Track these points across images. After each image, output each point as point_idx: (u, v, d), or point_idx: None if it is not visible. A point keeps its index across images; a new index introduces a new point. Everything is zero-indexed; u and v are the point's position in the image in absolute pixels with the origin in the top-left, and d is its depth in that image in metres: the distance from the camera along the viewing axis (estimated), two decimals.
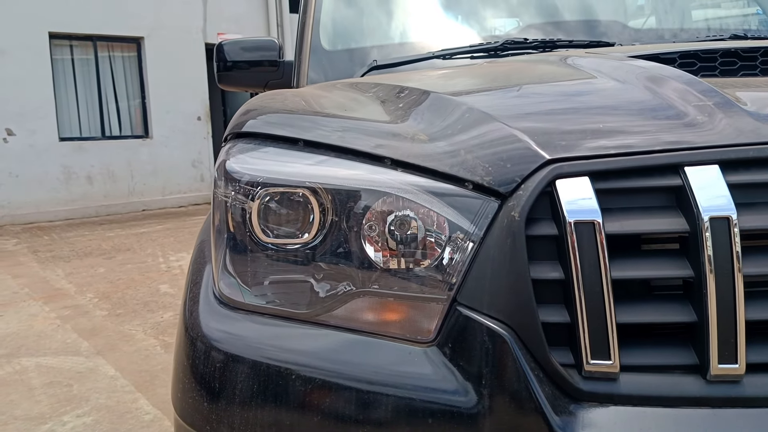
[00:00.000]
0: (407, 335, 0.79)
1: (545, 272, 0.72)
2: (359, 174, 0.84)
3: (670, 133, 0.76)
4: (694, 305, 0.71)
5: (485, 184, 0.76)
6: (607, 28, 1.84)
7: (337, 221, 0.84)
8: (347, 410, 0.77)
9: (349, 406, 0.77)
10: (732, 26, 1.99)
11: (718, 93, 0.82)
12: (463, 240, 0.77)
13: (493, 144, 0.80)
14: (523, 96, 1.00)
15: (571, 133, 0.79)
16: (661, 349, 0.73)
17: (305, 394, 0.80)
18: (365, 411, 0.76)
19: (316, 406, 0.79)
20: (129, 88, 9.72)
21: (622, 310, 0.71)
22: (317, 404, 0.79)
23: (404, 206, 0.80)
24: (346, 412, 0.77)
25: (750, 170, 0.72)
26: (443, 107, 0.94)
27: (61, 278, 5.18)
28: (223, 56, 2.19)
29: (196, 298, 0.96)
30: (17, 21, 8.34)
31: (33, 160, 8.58)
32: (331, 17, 2.01)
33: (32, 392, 2.84)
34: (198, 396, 0.86)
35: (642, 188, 0.73)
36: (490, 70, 1.29)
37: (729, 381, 0.70)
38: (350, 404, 0.77)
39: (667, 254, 0.73)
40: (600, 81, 0.96)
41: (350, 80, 1.53)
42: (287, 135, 0.93)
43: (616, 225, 0.71)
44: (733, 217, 0.68)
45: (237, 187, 0.91)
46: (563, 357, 0.73)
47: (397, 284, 0.81)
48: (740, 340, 0.69)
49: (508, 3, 2.02)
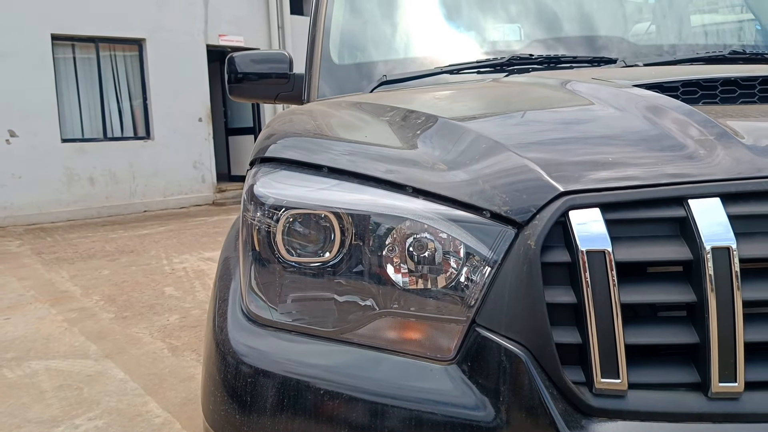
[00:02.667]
0: (428, 353, 0.85)
1: (559, 296, 0.78)
2: (380, 200, 0.89)
3: (673, 165, 0.81)
4: (696, 327, 0.77)
5: (503, 213, 0.81)
6: (609, 43, 1.90)
7: (358, 244, 0.89)
8: (372, 423, 0.83)
9: (373, 419, 0.83)
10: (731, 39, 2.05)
11: (716, 125, 0.87)
12: (482, 265, 0.82)
13: (507, 174, 0.85)
14: (528, 123, 1.06)
15: (581, 164, 0.84)
16: (666, 368, 0.78)
17: (332, 407, 0.85)
18: (389, 424, 0.82)
19: (342, 419, 0.85)
20: (131, 89, 9.76)
21: (630, 332, 0.77)
22: (343, 417, 0.85)
23: (425, 232, 0.86)
24: (371, 425, 0.83)
25: (749, 202, 0.77)
26: (456, 134, 0.99)
27: (66, 280, 5.23)
28: (234, 68, 2.22)
29: (225, 314, 1.02)
30: (20, 23, 8.37)
31: (35, 162, 8.62)
32: (341, 31, 2.06)
33: (43, 395, 2.89)
34: (230, 409, 0.92)
35: (648, 219, 0.78)
36: (495, 93, 1.34)
37: (729, 398, 0.76)
38: (375, 418, 0.83)
39: (672, 280, 0.78)
40: (601, 109, 1.01)
41: (361, 97, 1.59)
42: (311, 162, 0.98)
43: (625, 253, 0.77)
44: (733, 246, 0.74)
45: (263, 209, 0.96)
46: (575, 375, 0.78)
47: (418, 305, 0.86)
48: (739, 360, 0.75)
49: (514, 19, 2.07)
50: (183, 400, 2.79)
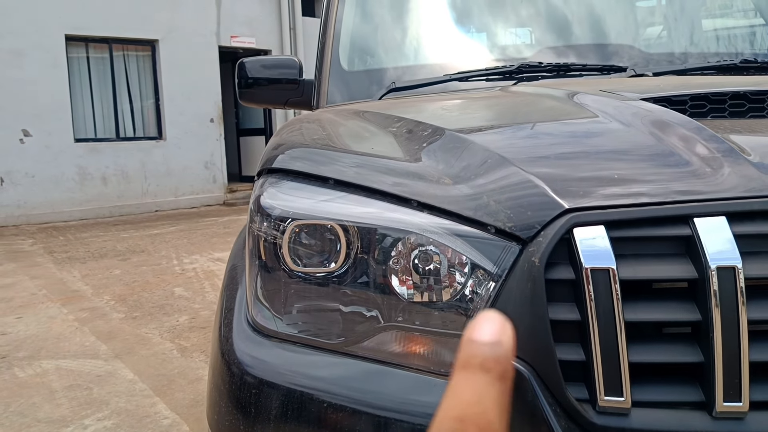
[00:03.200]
0: (432, 368, 0.85)
1: (562, 314, 0.78)
2: (386, 214, 0.90)
3: (679, 182, 0.81)
4: (701, 346, 0.76)
5: (507, 229, 0.81)
6: (619, 51, 1.89)
7: (363, 257, 0.90)
8: None
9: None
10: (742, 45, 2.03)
11: (723, 142, 0.87)
12: (486, 280, 0.82)
13: (512, 190, 0.85)
14: (535, 137, 1.05)
15: (586, 180, 0.84)
16: (670, 387, 0.78)
17: (335, 420, 0.86)
18: None
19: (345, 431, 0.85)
20: (143, 90, 9.83)
21: (634, 350, 0.76)
22: (346, 430, 0.85)
23: (430, 245, 0.86)
24: None
25: (755, 221, 0.77)
26: (462, 148, 0.99)
27: (78, 280, 5.27)
28: (244, 73, 2.24)
29: (230, 324, 1.02)
30: (34, 23, 8.46)
31: (49, 161, 8.71)
32: (351, 38, 2.07)
33: (53, 395, 2.91)
34: (234, 419, 0.92)
35: (653, 237, 0.78)
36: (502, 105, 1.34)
37: (733, 418, 0.75)
38: (379, 431, 0.83)
39: (677, 299, 0.78)
40: (608, 123, 1.01)
41: (370, 105, 1.59)
42: (318, 174, 0.99)
43: (629, 271, 0.76)
44: (739, 266, 0.73)
45: (269, 220, 0.97)
46: (579, 392, 0.78)
47: (422, 319, 0.86)
48: (744, 379, 0.74)
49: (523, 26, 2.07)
50: (191, 402, 2.81)
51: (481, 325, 0.27)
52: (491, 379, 0.25)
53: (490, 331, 0.26)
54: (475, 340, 0.26)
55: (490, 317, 0.27)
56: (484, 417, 0.24)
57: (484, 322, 0.27)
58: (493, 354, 0.26)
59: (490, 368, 0.25)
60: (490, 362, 0.26)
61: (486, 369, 0.25)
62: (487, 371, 0.25)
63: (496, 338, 0.26)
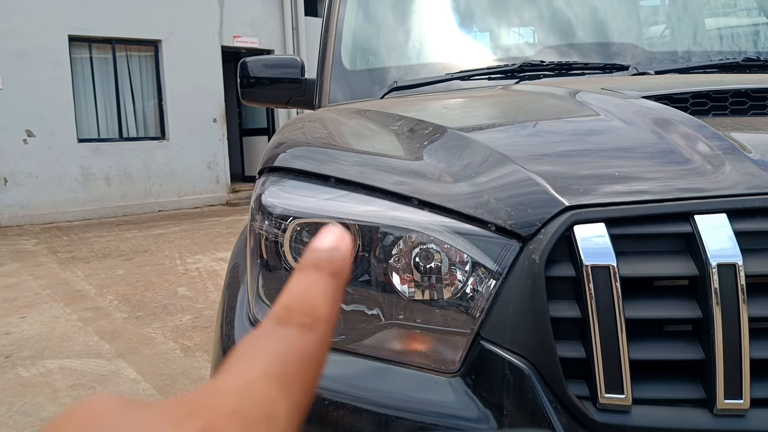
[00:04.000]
0: (433, 365, 0.85)
1: (563, 311, 0.78)
2: (387, 212, 0.90)
3: (679, 180, 0.81)
4: (702, 343, 0.76)
5: (507, 227, 0.81)
6: (621, 50, 1.89)
7: (365, 255, 0.90)
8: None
9: (377, 430, 0.83)
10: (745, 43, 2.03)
11: (724, 139, 0.87)
12: (486, 278, 0.83)
13: (513, 187, 0.85)
14: (536, 135, 1.05)
15: (586, 178, 0.84)
16: (671, 384, 0.78)
17: (336, 418, 0.86)
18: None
19: (346, 429, 0.85)
20: (146, 90, 9.85)
21: (635, 347, 0.76)
22: (347, 428, 0.85)
23: (431, 243, 0.86)
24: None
25: (756, 219, 0.77)
26: (463, 146, 1.00)
27: (81, 279, 5.29)
28: (247, 73, 2.24)
29: (232, 322, 1.03)
30: (37, 24, 8.48)
31: (52, 161, 8.73)
32: (353, 37, 2.07)
33: (57, 394, 2.92)
34: None
35: (654, 234, 0.78)
36: (503, 104, 1.34)
37: (734, 415, 0.75)
38: (379, 429, 0.83)
39: (677, 296, 0.78)
40: (609, 121, 1.01)
41: (371, 104, 1.59)
42: (319, 172, 0.99)
43: (630, 268, 0.76)
44: (739, 263, 0.73)
45: (270, 219, 0.97)
46: (579, 390, 0.78)
47: (423, 317, 0.87)
48: (745, 377, 0.74)
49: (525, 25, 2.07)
50: None
51: (322, 236, 0.29)
52: (322, 275, 0.27)
53: (329, 240, 0.29)
54: (315, 248, 0.28)
55: (331, 229, 0.29)
56: (309, 304, 0.26)
57: (326, 233, 0.29)
58: (329, 256, 0.28)
59: (322, 267, 0.28)
60: (323, 262, 0.28)
61: (318, 267, 0.28)
62: (320, 269, 0.28)
63: (334, 245, 0.28)
